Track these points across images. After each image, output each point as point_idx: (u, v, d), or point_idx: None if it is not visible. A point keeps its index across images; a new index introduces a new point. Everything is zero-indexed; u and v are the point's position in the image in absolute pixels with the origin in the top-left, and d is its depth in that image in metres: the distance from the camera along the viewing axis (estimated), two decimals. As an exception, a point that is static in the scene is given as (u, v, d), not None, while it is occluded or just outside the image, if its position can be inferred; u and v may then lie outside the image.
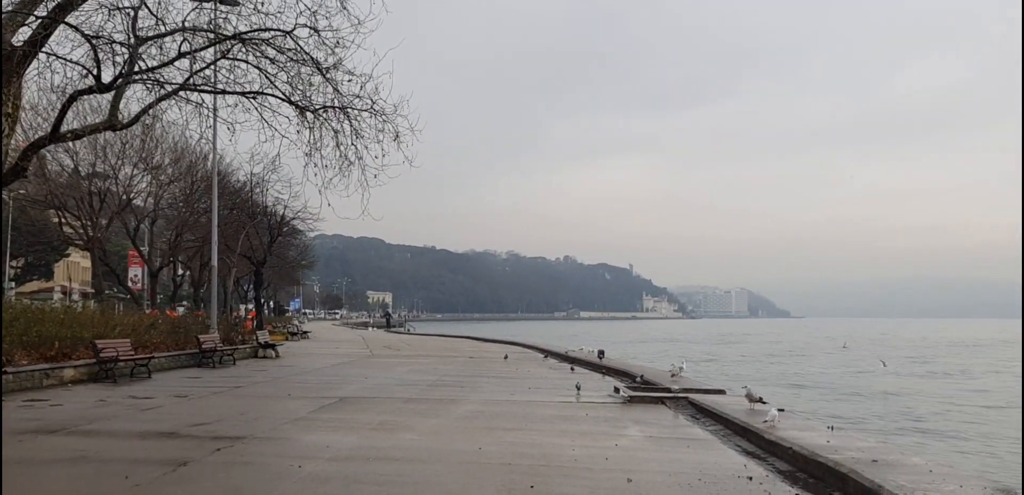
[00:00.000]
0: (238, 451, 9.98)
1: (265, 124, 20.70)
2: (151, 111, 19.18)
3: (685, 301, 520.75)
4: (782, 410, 13.74)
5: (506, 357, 30.80)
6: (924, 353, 67.59)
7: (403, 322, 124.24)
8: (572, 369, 25.67)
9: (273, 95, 20.91)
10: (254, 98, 20.66)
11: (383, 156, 20.51)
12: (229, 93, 20.17)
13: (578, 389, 17.95)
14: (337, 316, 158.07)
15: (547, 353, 34.55)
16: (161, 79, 17.83)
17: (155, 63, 17.48)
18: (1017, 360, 57.55)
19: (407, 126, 20.62)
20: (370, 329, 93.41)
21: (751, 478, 9.05)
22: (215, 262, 28.92)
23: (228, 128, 20.13)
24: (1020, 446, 14.02)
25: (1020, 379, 23.97)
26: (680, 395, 16.35)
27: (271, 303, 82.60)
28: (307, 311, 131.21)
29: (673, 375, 20.00)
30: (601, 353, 29.66)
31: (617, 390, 17.72)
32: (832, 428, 11.67)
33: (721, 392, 17.34)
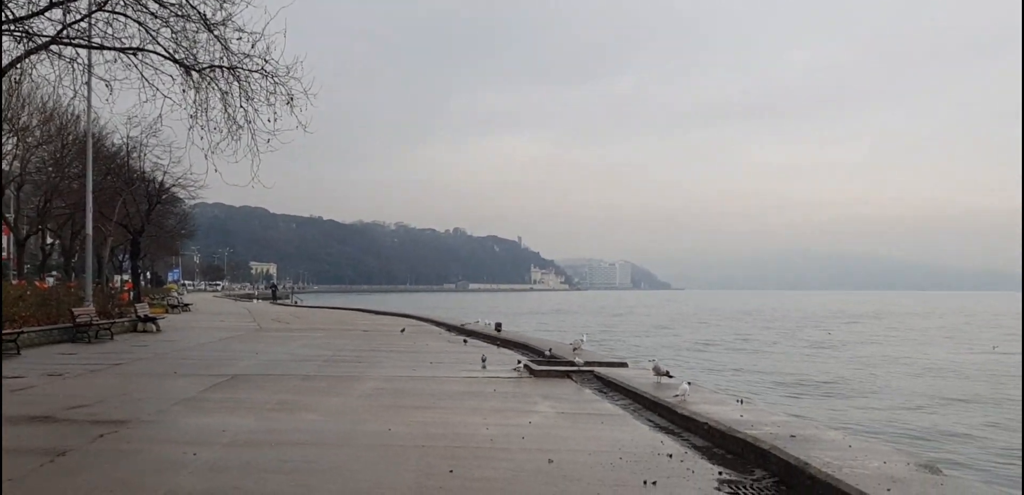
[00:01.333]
0: (123, 437, 9.11)
1: (146, 83, 19.33)
2: (19, 66, 17.58)
3: (572, 273, 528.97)
4: (690, 384, 13.77)
5: (403, 331, 30.15)
6: (819, 325, 70.54)
7: (289, 294, 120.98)
8: (465, 342, 25.33)
9: (155, 52, 19.53)
10: (134, 54, 19.24)
11: (275, 120, 19.52)
12: (106, 48, 18.70)
13: (483, 362, 17.62)
14: (219, 287, 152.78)
15: (443, 326, 34.08)
16: (30, 30, 16.32)
17: (23, 12, 15.97)
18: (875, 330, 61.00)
19: (300, 89, 19.67)
20: (255, 301, 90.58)
21: (671, 456, 8.85)
22: (90, 230, 27.05)
23: (107, 86, 18.71)
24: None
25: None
26: (585, 369, 16.17)
27: (148, 274, 78.92)
28: (187, 282, 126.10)
29: (575, 348, 19.89)
30: (498, 326, 29.43)
31: (521, 364, 17.41)
32: (742, 401, 11.67)
33: (624, 365, 17.29)
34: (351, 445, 8.95)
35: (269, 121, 19.49)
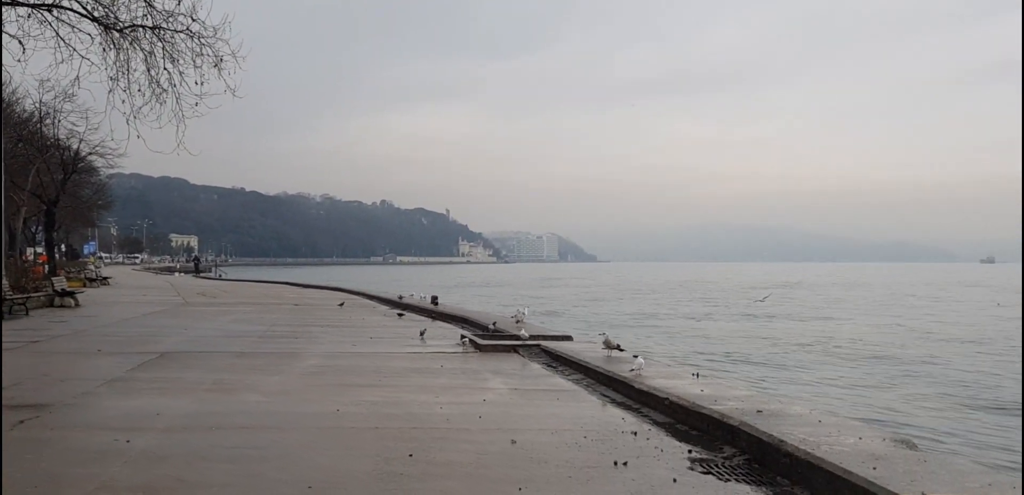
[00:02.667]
0: (46, 423, 8.34)
1: (62, 43, 18.13)
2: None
3: (500, 246, 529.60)
4: (639, 356, 13.52)
5: (342, 304, 29.29)
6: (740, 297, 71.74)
7: (212, 267, 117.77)
8: (400, 315, 24.76)
9: (72, 9, 18.31)
10: (49, 11, 17.99)
11: (202, 84, 18.54)
12: (19, 4, 17.45)
13: (422, 335, 17.17)
14: (137, 261, 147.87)
15: (377, 300, 33.35)
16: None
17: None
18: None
19: (229, 51, 18.71)
20: (177, 274, 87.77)
21: (635, 433, 8.52)
22: (2, 200, 25.44)
23: (20, 45, 17.45)
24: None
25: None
26: (531, 343, 15.81)
27: (63, 247, 75.66)
28: (104, 255, 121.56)
29: (518, 321, 19.54)
30: (435, 299, 28.94)
31: (465, 339, 16.96)
32: (698, 375, 11.43)
33: (569, 338, 17.00)
34: (299, 428, 8.36)
35: (196, 84, 18.52)
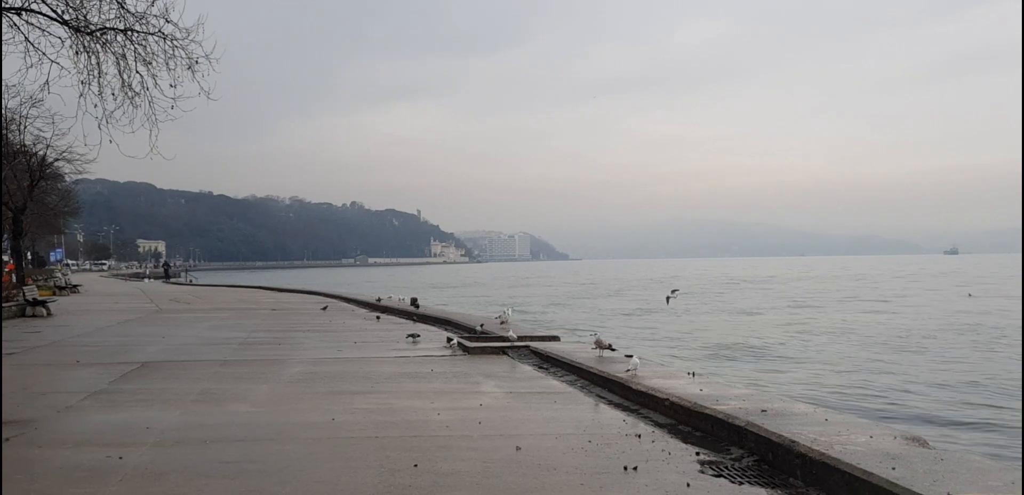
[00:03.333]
0: (33, 439, 8.02)
1: (31, 47, 17.68)
2: None
3: (472, 246, 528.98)
4: (632, 356, 13.40)
5: (325, 308, 28.90)
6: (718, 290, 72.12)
7: (182, 272, 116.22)
8: (378, 318, 24.52)
9: (41, 13, 17.85)
10: (18, 14, 17.53)
11: (175, 87, 18.15)
12: (-14, 9, 16.96)
13: (415, 339, 17.04)
14: (105, 267, 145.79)
15: (354, 303, 32.99)
16: None
17: None
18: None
19: (202, 53, 18.34)
20: (147, 281, 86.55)
21: (639, 436, 8.38)
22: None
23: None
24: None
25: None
26: (519, 344, 15.64)
27: (29, 254, 74.20)
28: (71, 262, 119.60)
29: (503, 322, 19.37)
30: (414, 301, 28.65)
31: (453, 341, 16.75)
32: (693, 374, 11.31)
33: (556, 338, 16.87)
34: (296, 439, 8.12)
35: (171, 87, 18.11)
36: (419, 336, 17.64)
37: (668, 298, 25.33)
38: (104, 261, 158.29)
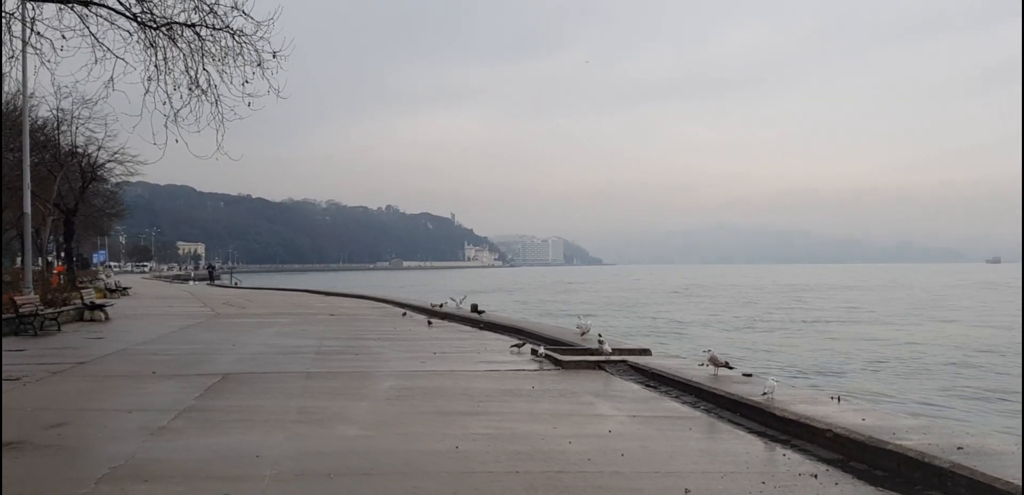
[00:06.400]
0: (135, 472, 7.12)
1: (96, 42, 16.98)
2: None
3: (505, 250, 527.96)
4: (769, 379, 12.33)
5: (404, 314, 28.10)
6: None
7: (225, 275, 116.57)
8: (429, 323, 23.78)
9: (104, 4, 17.15)
10: (85, 6, 16.84)
11: (248, 83, 17.35)
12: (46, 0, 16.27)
13: (518, 348, 16.35)
14: (146, 269, 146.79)
15: (406, 307, 32.07)
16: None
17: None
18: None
19: (269, 50, 17.52)
20: (192, 283, 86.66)
21: (815, 476, 7.32)
22: (29, 210, 24.32)
23: (51, 47, 16.25)
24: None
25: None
26: (616, 358, 14.60)
27: (74, 257, 74.55)
28: (113, 264, 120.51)
29: (583, 333, 18.41)
30: (475, 308, 27.69)
31: (537, 352, 15.77)
32: (838, 399, 10.19)
33: (648, 352, 15.81)
34: (428, 474, 7.16)
35: (245, 83, 17.37)
36: (524, 346, 16.83)
37: None
38: (145, 263, 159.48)
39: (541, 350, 15.76)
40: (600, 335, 16.58)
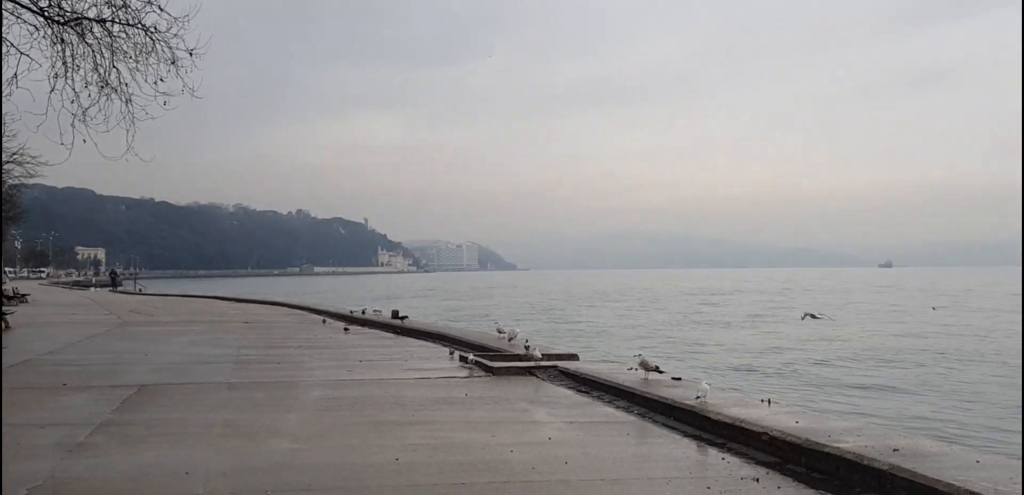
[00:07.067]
0: (55, 494, 6.68)
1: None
2: None
3: (419, 255, 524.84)
4: (679, 379, 12.44)
5: (324, 321, 27.42)
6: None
7: (126, 281, 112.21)
8: (346, 330, 23.39)
9: (8, -1, 16.26)
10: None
11: (157, 83, 16.67)
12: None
13: (453, 355, 16.09)
14: (43, 275, 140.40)
15: (325, 314, 31.46)
16: None
17: None
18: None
19: (184, 48, 16.89)
20: (93, 290, 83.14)
21: (757, 480, 7.38)
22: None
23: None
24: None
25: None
26: (546, 364, 14.54)
27: (-36, 262, 70.59)
28: (8, 270, 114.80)
29: (510, 338, 18.27)
30: (396, 314, 27.37)
31: (466, 359, 15.62)
32: (768, 402, 10.33)
33: (575, 357, 15.83)
34: (369, 488, 6.91)
35: (160, 81, 16.71)
36: (453, 353, 16.66)
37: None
38: (42, 269, 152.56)
39: (471, 357, 15.61)
40: (527, 341, 16.52)
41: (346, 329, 23.84)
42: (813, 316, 47.14)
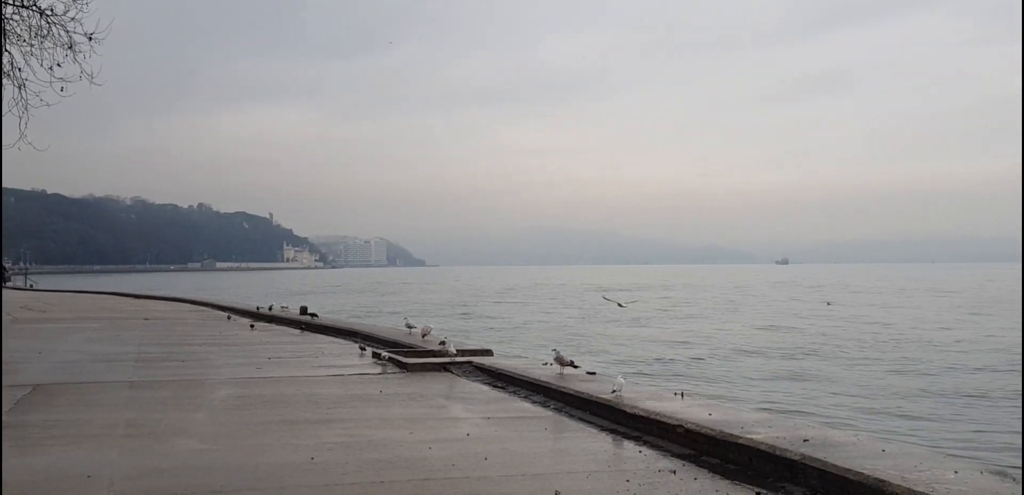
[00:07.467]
0: (-59, 499, 6.25)
1: None
2: None
3: (326, 251, 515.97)
4: (593, 373, 12.57)
5: (229, 318, 26.59)
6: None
7: (12, 276, 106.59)
8: (252, 327, 22.92)
9: None
10: None
11: (53, 69, 15.94)
12: None
13: (367, 353, 15.76)
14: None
15: (231, 311, 30.60)
16: None
17: None
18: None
19: (82, 33, 16.20)
20: (-23, 285, 78.58)
21: (674, 472, 7.48)
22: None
23: None
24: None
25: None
26: (461, 360, 14.48)
27: None
28: None
29: (424, 334, 18.15)
30: (305, 310, 26.89)
31: (379, 356, 15.42)
32: (681, 395, 10.52)
33: (490, 352, 15.82)
34: (284, 488, 6.69)
35: (52, 68, 15.95)
36: (366, 350, 16.34)
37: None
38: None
39: (384, 353, 15.42)
40: (445, 338, 16.41)
41: (252, 326, 23.29)
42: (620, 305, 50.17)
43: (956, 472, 6.54)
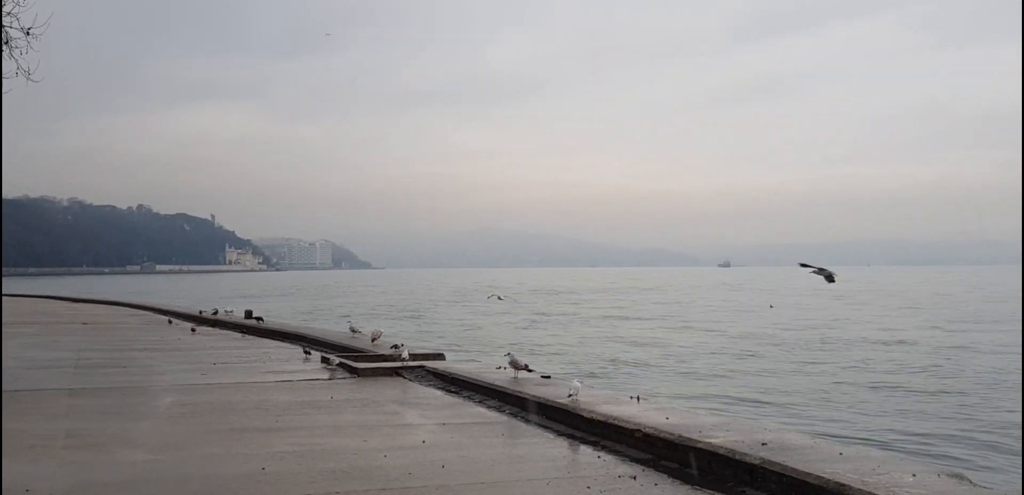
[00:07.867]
0: None
1: None
2: None
3: (270, 253, 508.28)
4: (548, 377, 12.49)
5: (170, 322, 25.91)
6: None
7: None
8: (193, 330, 22.42)
9: None
10: None
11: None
12: None
13: (314, 357, 15.45)
14: None
15: (173, 315, 29.91)
16: None
17: None
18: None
19: (19, 28, 15.63)
20: (-98, 288, 75.63)
21: (634, 477, 7.43)
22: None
23: None
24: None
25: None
26: (413, 364, 14.28)
27: None
28: None
29: (374, 339, 17.91)
30: (250, 314, 26.40)
31: (328, 361, 15.13)
32: (638, 399, 10.49)
33: (441, 356, 15.66)
34: (238, 499, 6.49)
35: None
36: (311, 353, 16.04)
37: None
38: None
39: (334, 358, 15.14)
40: (399, 343, 16.16)
41: (193, 330, 22.76)
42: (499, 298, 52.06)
43: (914, 475, 6.59)
